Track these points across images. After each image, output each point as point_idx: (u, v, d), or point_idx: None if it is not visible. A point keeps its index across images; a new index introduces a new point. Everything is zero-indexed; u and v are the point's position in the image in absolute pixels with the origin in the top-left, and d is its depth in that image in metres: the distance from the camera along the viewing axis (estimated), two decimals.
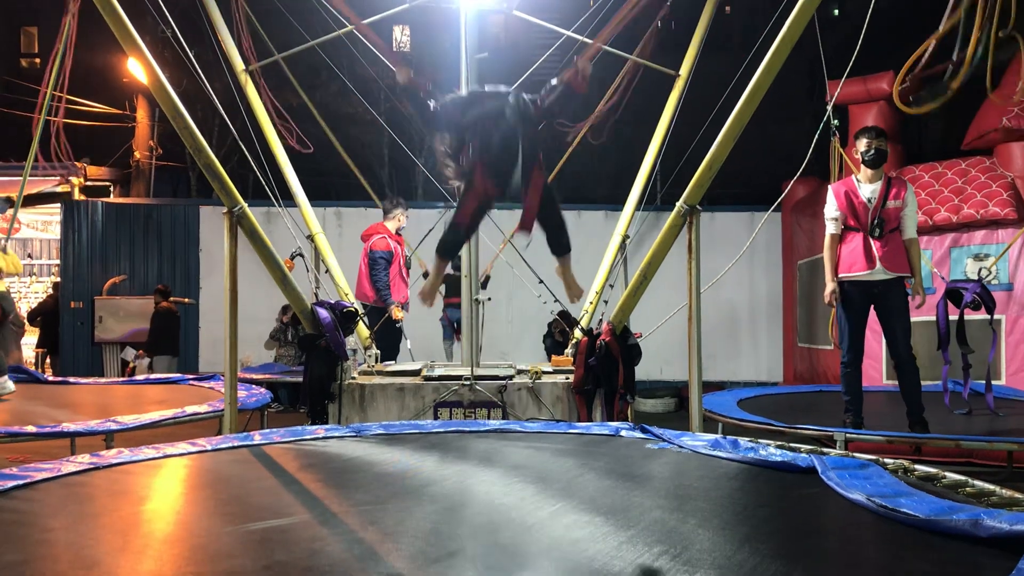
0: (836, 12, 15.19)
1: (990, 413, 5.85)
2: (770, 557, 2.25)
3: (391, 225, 8.01)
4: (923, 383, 6.46)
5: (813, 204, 10.63)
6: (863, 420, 5.49)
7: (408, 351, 8.02)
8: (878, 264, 5.28)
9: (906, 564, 2.28)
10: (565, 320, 8.87)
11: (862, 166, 5.46)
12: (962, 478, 3.12)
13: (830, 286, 5.46)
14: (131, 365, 11.97)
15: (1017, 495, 2.82)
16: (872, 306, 5.44)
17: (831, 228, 5.53)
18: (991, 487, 2.95)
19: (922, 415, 5.33)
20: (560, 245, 3.66)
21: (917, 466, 3.33)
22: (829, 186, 5.64)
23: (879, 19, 5.58)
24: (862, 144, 5.43)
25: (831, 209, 5.53)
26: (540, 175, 3.35)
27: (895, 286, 5.37)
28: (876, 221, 5.31)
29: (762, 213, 11.31)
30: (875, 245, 5.30)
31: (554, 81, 3.33)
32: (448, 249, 3.71)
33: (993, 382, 6.16)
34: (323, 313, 6.02)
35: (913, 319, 5.47)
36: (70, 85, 7.52)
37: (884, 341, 5.66)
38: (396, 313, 7.56)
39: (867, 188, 5.41)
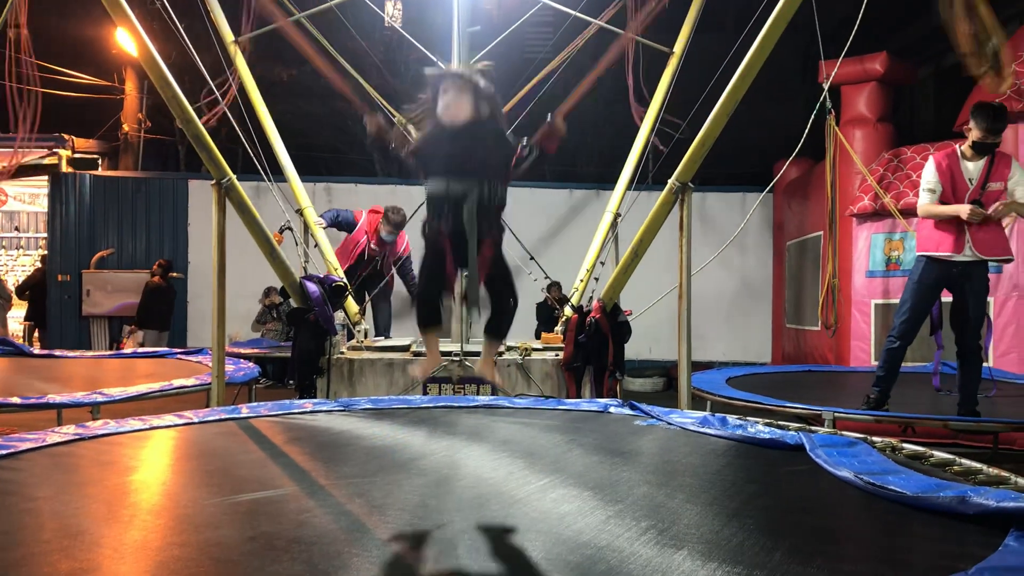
0: None
1: (984, 396, 5.84)
2: (757, 533, 2.25)
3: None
4: (915, 364, 6.38)
5: (804, 185, 10.64)
6: (888, 400, 5.34)
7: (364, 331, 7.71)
8: (967, 248, 5.00)
9: (893, 540, 2.29)
10: (556, 292, 8.89)
11: (968, 144, 5.06)
12: (950, 457, 3.13)
13: (966, 208, 4.94)
14: (124, 342, 11.88)
15: (1004, 473, 2.83)
16: (947, 288, 5.19)
17: (927, 199, 5.15)
18: (978, 466, 2.96)
19: (975, 408, 5.19)
20: (495, 328, 3.14)
21: (905, 445, 3.34)
22: (931, 155, 5.28)
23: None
24: (979, 131, 4.97)
25: (931, 180, 5.12)
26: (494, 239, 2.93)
27: (978, 268, 5.08)
28: (973, 204, 4.97)
29: (753, 194, 11.32)
30: (968, 228, 5.00)
31: (526, 142, 2.96)
32: (425, 318, 3.09)
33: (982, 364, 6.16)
34: (312, 287, 5.99)
35: None
36: (58, 56, 7.40)
37: (893, 323, 5.45)
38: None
39: (971, 166, 5.05)
